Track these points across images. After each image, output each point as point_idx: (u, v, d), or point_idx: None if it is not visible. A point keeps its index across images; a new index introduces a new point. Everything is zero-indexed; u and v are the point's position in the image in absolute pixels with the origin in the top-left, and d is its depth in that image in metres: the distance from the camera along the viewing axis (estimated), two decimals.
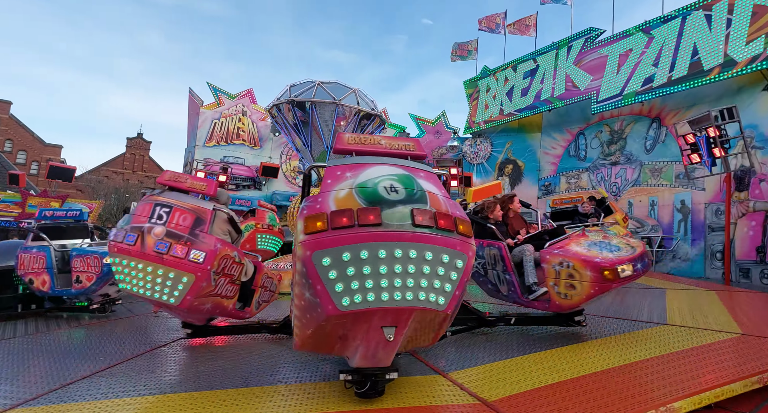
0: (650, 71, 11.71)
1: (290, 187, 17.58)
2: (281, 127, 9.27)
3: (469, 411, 2.55)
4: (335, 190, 2.40)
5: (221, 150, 16.71)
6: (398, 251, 2.24)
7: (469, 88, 17.94)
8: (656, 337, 3.89)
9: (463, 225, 2.43)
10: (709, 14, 10.58)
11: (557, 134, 15.31)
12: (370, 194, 2.35)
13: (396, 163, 2.62)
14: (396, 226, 2.27)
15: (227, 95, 17.15)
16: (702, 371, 2.95)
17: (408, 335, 2.53)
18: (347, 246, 2.22)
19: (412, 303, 2.24)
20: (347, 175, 2.47)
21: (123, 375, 3.37)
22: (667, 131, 12.06)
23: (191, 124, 17.72)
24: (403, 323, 2.35)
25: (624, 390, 2.67)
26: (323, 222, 2.26)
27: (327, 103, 8.36)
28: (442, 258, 2.31)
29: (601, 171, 13.70)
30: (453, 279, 2.35)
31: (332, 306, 2.20)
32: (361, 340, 2.48)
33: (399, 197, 2.37)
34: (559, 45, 14.34)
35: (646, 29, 12.00)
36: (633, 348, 3.58)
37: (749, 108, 10.00)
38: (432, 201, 2.43)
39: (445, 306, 2.32)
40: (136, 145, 45.85)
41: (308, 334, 2.52)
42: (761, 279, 9.45)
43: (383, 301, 2.22)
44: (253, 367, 3.49)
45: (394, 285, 2.23)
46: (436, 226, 2.32)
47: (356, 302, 2.21)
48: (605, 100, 12.74)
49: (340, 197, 2.35)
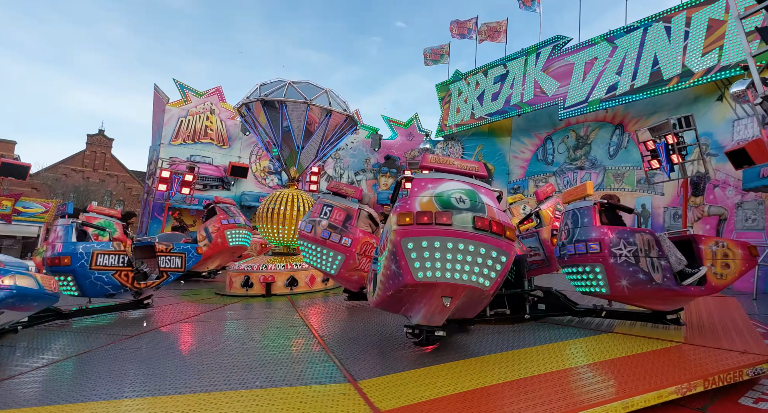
0: (614, 79, 12.13)
1: (260, 188, 17.23)
2: (251, 126, 9.06)
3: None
4: (420, 196, 3.29)
5: (188, 148, 16.19)
6: (461, 245, 3.11)
7: (441, 92, 18.12)
8: (591, 346, 3.76)
9: (509, 231, 3.26)
10: (669, 26, 11.07)
11: (526, 138, 15.66)
12: (444, 202, 3.24)
13: (465, 180, 3.45)
14: (461, 227, 3.15)
15: (194, 93, 16.64)
16: (620, 380, 2.85)
17: (458, 306, 3.39)
18: (426, 237, 3.11)
19: (466, 282, 3.10)
20: (429, 186, 3.36)
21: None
22: (629, 137, 12.53)
23: (156, 122, 17.09)
24: (458, 295, 3.22)
25: (521, 402, 2.54)
26: (411, 218, 3.16)
27: (298, 102, 8.22)
28: (491, 253, 3.17)
29: (567, 175, 14.08)
30: (498, 269, 3.20)
31: (410, 276, 3.07)
32: (424, 304, 3.36)
33: (465, 206, 3.24)
34: (528, 51, 14.67)
35: (610, 39, 12.44)
36: (559, 357, 3.46)
37: (705, 117, 10.50)
38: (489, 211, 3.28)
39: (489, 288, 3.19)
40: (98, 142, 43.87)
41: (388, 295, 3.43)
42: None
43: (446, 278, 3.08)
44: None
45: (455, 268, 3.09)
46: (490, 230, 3.17)
47: (427, 276, 3.07)
48: (571, 107, 13.12)
49: (423, 202, 3.25)
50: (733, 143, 9.62)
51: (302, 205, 8.41)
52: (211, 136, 16.74)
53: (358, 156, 18.94)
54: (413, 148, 18.79)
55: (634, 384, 2.73)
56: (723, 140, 10.06)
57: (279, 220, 8.25)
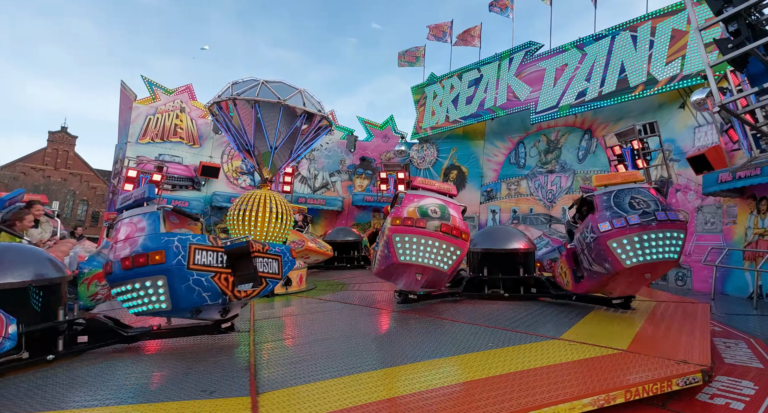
0: (583, 85, 12.48)
1: (232, 188, 16.86)
2: (222, 125, 8.84)
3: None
4: (407, 206, 5.06)
5: (156, 147, 15.69)
6: (430, 241, 4.83)
7: (416, 94, 18.21)
8: (521, 353, 3.56)
9: (465, 235, 5.04)
10: (635, 35, 11.47)
11: (499, 142, 15.92)
12: (423, 212, 5.00)
13: (440, 197, 5.35)
14: (432, 229, 4.87)
15: (164, 90, 16.14)
16: (535, 390, 2.67)
17: (427, 280, 5.15)
18: (408, 234, 4.83)
19: (431, 265, 4.87)
20: (414, 200, 5.18)
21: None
22: (597, 142, 12.91)
23: (123, 119, 16.49)
24: (426, 273, 4.97)
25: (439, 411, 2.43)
26: (400, 221, 4.88)
27: (271, 102, 8.08)
28: (450, 248, 4.90)
29: (538, 178, 14.39)
30: (454, 259, 4.94)
31: (395, 258, 4.82)
32: (405, 277, 5.30)
33: (437, 216, 5.00)
34: (502, 56, 14.93)
35: (579, 46, 12.79)
36: (490, 363, 3.28)
37: (668, 123, 10.93)
38: (452, 220, 5.04)
39: (447, 270, 4.95)
40: (60, 139, 42.11)
41: (382, 269, 5.29)
42: (676, 281, 10.33)
43: (419, 261, 4.84)
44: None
45: (426, 255, 4.82)
46: (451, 233, 4.91)
47: (407, 259, 4.82)
48: (543, 111, 13.42)
49: (410, 211, 5.01)
50: (693, 149, 10.05)
51: (275, 206, 8.25)
52: (181, 134, 16.28)
53: (333, 157, 18.80)
54: (389, 150, 18.79)
55: (549, 395, 2.58)
56: (685, 146, 10.49)
57: (251, 222, 8.08)
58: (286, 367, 3.30)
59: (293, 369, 3.22)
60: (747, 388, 3.39)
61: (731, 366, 4.01)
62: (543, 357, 3.42)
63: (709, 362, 3.13)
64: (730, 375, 3.70)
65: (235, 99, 8.09)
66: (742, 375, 3.73)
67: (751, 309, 7.17)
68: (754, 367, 3.97)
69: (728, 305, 7.61)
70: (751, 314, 6.83)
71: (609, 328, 4.48)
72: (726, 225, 9.45)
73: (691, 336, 4.01)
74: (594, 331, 4.33)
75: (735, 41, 3.75)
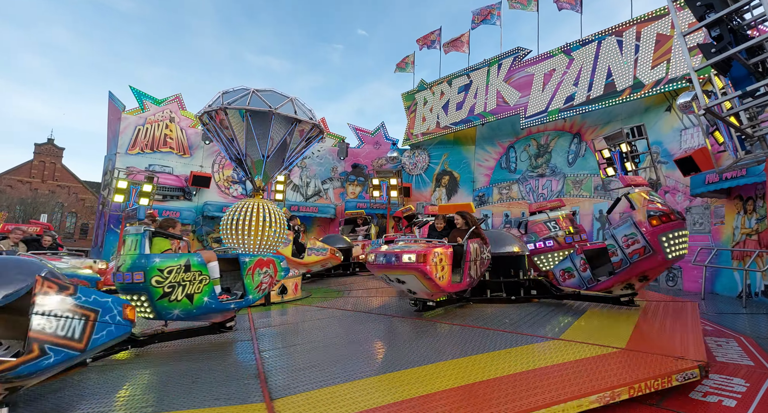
0: (571, 90, 12.65)
1: (223, 197, 16.76)
2: (213, 135, 8.81)
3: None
4: (643, 204, 5.14)
5: (146, 158, 15.57)
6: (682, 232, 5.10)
7: (407, 101, 18.32)
8: (526, 354, 3.61)
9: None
10: (621, 40, 11.68)
11: (490, 147, 16.04)
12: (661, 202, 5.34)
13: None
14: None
15: (152, 100, 16.06)
16: (549, 388, 2.74)
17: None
18: (672, 230, 4.98)
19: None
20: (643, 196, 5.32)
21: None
22: (587, 146, 13.07)
23: (111, 130, 16.36)
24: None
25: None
26: (658, 220, 4.99)
27: (263, 111, 8.07)
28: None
29: (529, 182, 14.50)
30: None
31: (664, 257, 4.99)
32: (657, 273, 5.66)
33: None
34: (490, 62, 15.10)
35: (567, 51, 12.98)
36: (495, 365, 3.33)
37: (655, 126, 11.10)
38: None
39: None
40: (47, 151, 41.57)
41: (641, 270, 5.21)
42: (667, 282, 10.43)
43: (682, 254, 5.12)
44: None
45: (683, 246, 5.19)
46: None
47: (675, 255, 5.00)
48: (532, 116, 13.57)
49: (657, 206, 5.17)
50: (681, 151, 10.21)
51: (268, 214, 8.21)
52: (171, 144, 16.18)
53: (324, 164, 18.80)
54: (381, 157, 18.84)
55: (557, 393, 2.65)
56: (672, 148, 10.66)
57: (244, 231, 8.03)
58: (294, 373, 3.36)
59: (301, 375, 3.27)
60: (738, 385, 3.44)
61: (723, 364, 4.06)
62: (547, 357, 3.49)
63: (704, 358, 3.19)
64: (722, 373, 3.75)
65: (226, 108, 8.09)
66: (733, 372, 3.78)
67: (740, 308, 7.26)
68: (745, 365, 4.03)
69: (718, 304, 7.70)
70: (740, 313, 6.91)
71: (606, 328, 4.55)
72: (714, 225, 9.59)
73: (684, 333, 4.09)
74: (592, 331, 4.41)
75: (718, 46, 3.84)
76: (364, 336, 4.85)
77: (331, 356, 3.88)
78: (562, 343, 3.92)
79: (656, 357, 3.33)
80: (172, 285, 3.89)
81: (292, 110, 8.31)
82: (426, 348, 3.97)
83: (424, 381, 3.03)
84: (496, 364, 3.33)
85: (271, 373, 3.36)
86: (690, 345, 3.64)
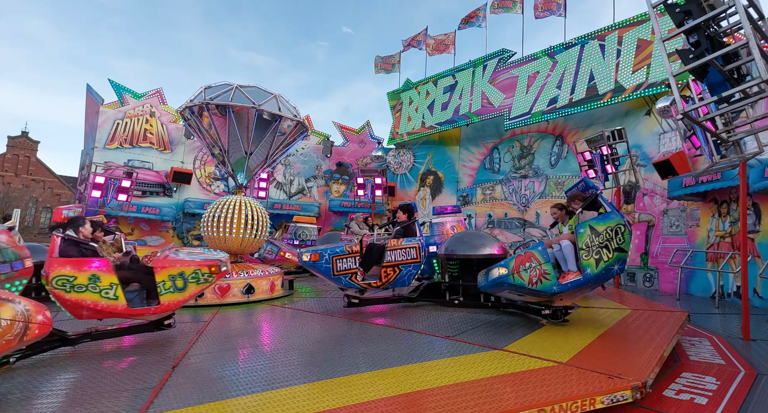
0: (554, 92, 12.82)
1: (204, 194, 16.49)
2: (195, 130, 8.65)
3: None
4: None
5: (125, 153, 15.21)
6: None
7: (392, 100, 18.32)
8: (458, 365, 3.41)
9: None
10: (603, 44, 11.88)
11: (474, 148, 16.15)
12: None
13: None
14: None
15: (132, 94, 15.70)
16: (473, 402, 2.61)
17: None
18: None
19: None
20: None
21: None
22: (569, 148, 13.26)
23: (89, 124, 15.93)
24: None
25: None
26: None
27: (246, 107, 7.96)
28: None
29: (512, 183, 14.65)
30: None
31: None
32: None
33: None
34: (476, 63, 15.20)
35: (550, 54, 13.15)
36: (426, 376, 3.15)
37: (635, 130, 11.32)
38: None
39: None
40: (20, 144, 40.36)
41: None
42: (644, 282, 10.66)
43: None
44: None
45: None
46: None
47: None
48: (516, 118, 13.71)
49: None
50: (659, 155, 10.44)
51: (250, 212, 8.11)
52: (151, 139, 15.85)
53: (309, 162, 18.66)
54: (365, 155, 18.79)
55: (478, 409, 2.50)
56: (651, 152, 10.89)
57: (226, 228, 7.91)
58: (199, 385, 3.02)
59: (209, 386, 2.99)
60: (710, 384, 3.54)
61: (695, 363, 4.17)
62: (480, 369, 3.28)
63: (645, 378, 2.93)
64: (694, 372, 3.84)
65: (208, 103, 7.94)
66: (705, 371, 3.89)
67: (713, 309, 7.46)
68: (717, 364, 4.14)
69: (692, 304, 7.89)
70: (713, 313, 7.10)
71: (560, 339, 4.21)
72: (690, 228, 9.83)
73: (643, 349, 3.73)
74: (543, 343, 4.09)
75: (695, 52, 3.91)
76: (304, 339, 4.52)
77: (257, 362, 3.55)
78: (502, 354, 3.72)
79: (590, 375, 3.05)
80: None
81: (276, 107, 8.22)
82: (367, 354, 3.79)
83: (360, 388, 2.86)
84: (428, 375, 3.13)
85: (169, 386, 3.00)
86: (637, 363, 3.30)
